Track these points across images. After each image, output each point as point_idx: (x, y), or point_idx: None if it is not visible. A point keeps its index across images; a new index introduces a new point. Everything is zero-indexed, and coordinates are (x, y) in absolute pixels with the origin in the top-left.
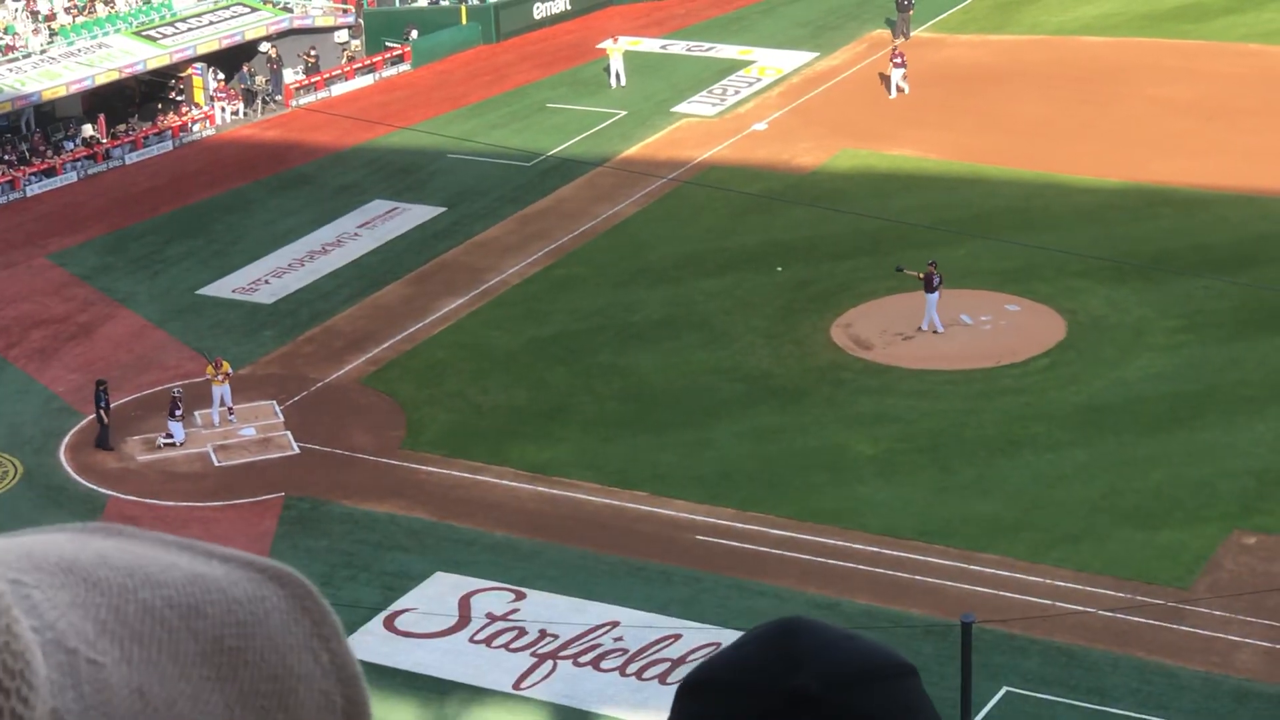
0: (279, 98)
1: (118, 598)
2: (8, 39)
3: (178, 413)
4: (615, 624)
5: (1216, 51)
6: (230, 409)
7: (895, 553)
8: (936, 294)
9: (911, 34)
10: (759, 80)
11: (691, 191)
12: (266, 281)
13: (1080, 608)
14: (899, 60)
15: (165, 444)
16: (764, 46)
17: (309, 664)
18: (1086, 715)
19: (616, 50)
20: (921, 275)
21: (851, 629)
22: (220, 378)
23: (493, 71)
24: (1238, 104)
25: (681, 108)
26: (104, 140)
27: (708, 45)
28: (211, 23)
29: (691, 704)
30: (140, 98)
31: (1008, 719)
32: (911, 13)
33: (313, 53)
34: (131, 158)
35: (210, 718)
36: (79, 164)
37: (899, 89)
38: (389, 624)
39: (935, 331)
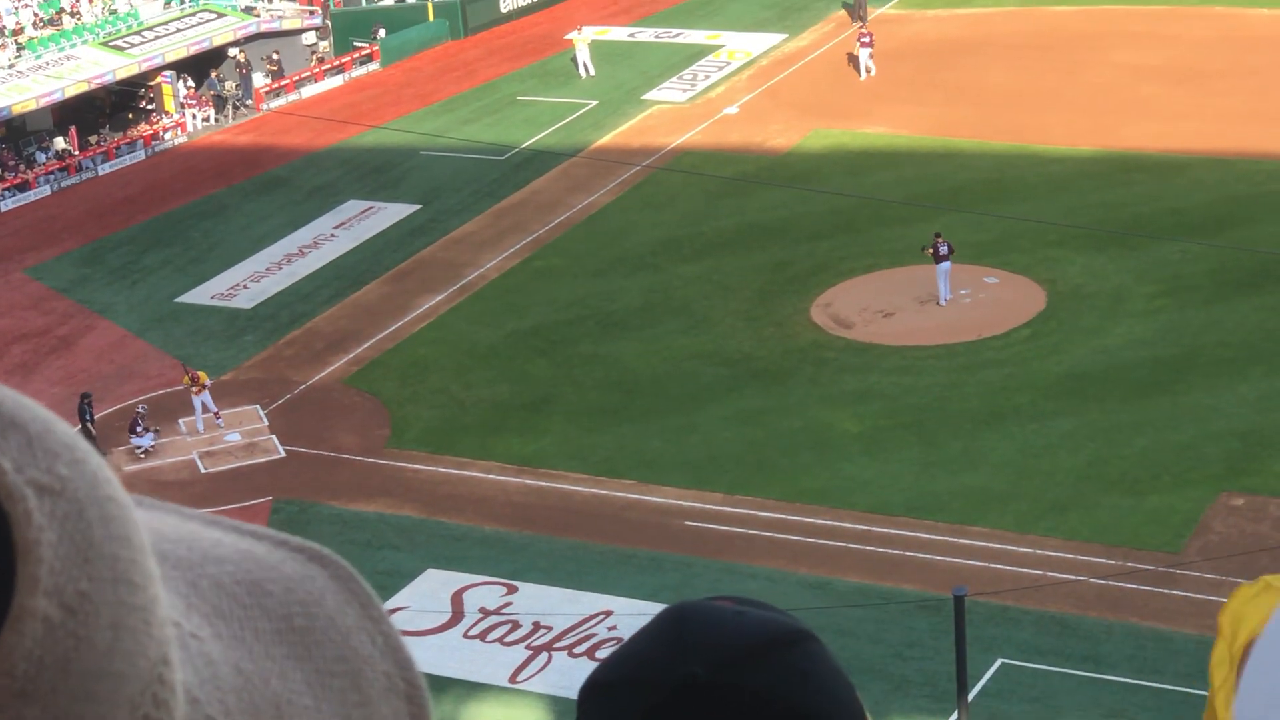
0: (249, 102)
1: (189, 572)
2: None
3: (138, 428)
4: (608, 613)
5: (1182, 15)
6: (217, 414)
7: (885, 529)
8: (947, 264)
9: (870, 15)
10: (728, 64)
11: (666, 178)
12: (245, 286)
13: (1072, 576)
14: (866, 40)
15: (143, 454)
16: (732, 30)
17: (367, 646)
18: (1082, 683)
19: (582, 41)
20: (929, 249)
21: (744, 604)
22: (197, 389)
23: (462, 67)
24: (1206, 67)
25: (652, 95)
26: (76, 152)
27: (675, 31)
28: (179, 30)
29: (590, 706)
30: (110, 108)
31: (1004, 690)
32: None
33: (275, 57)
34: (104, 168)
35: (299, 696)
36: (52, 177)
37: (867, 69)
38: None
39: (938, 304)
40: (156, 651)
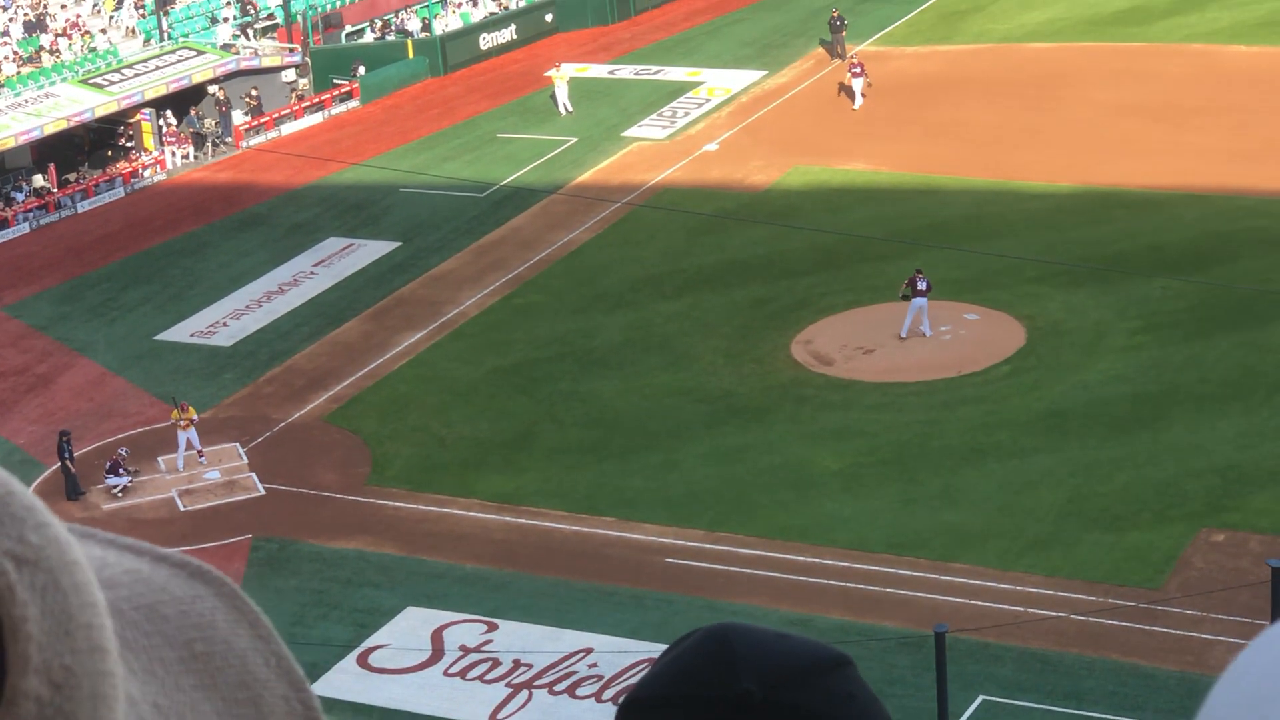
0: (229, 139)
1: None
2: None
3: (120, 470)
4: (589, 650)
5: (1161, 53)
6: (200, 452)
7: (866, 566)
8: (923, 300)
9: (849, 51)
10: (708, 101)
11: (646, 215)
12: (225, 324)
13: (1053, 613)
14: (858, 69)
15: (119, 493)
16: (711, 67)
17: (263, 668)
18: None
19: (560, 78)
20: (908, 282)
21: (781, 629)
22: (184, 422)
23: (442, 104)
24: (1184, 103)
25: (632, 131)
26: (55, 190)
27: (655, 68)
28: (158, 68)
29: None
30: (90, 145)
31: None
32: (845, 33)
33: (254, 93)
34: (83, 206)
35: None
36: (30, 215)
37: (858, 97)
38: (362, 661)
39: (923, 335)
40: (122, 713)
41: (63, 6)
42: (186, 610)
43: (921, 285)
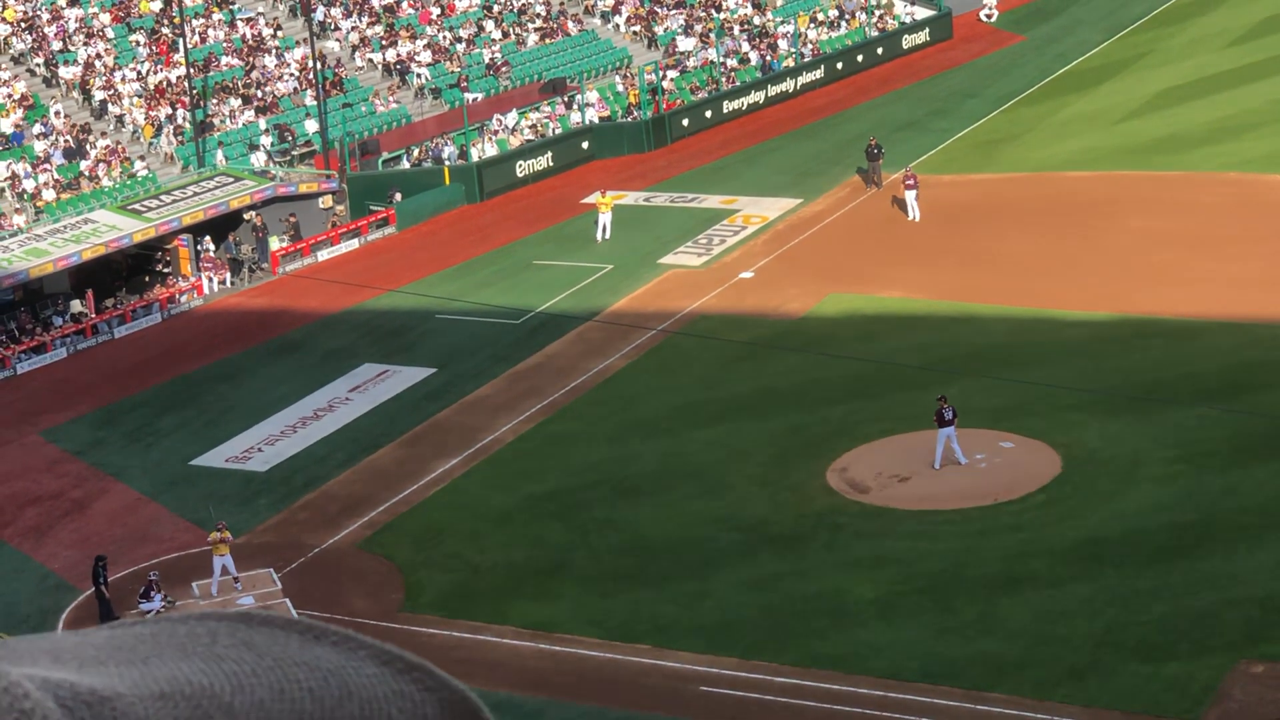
0: (265, 265)
1: None
2: None
3: (153, 594)
4: None
5: (1196, 181)
6: (236, 578)
7: (901, 695)
8: (951, 428)
9: (884, 181)
10: (744, 228)
11: (681, 342)
12: (259, 449)
13: None
14: (911, 183)
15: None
16: (747, 194)
17: None
18: None
19: (605, 204)
20: (935, 415)
21: None
22: (222, 544)
23: (478, 231)
24: (1220, 232)
25: (668, 259)
26: (92, 315)
27: (691, 196)
28: (195, 194)
29: None
30: (127, 271)
31: None
32: (881, 161)
33: (291, 219)
34: (121, 331)
35: None
36: (68, 340)
37: (912, 209)
38: None
39: (958, 463)
40: None
41: (103, 134)
42: None
43: (948, 415)
